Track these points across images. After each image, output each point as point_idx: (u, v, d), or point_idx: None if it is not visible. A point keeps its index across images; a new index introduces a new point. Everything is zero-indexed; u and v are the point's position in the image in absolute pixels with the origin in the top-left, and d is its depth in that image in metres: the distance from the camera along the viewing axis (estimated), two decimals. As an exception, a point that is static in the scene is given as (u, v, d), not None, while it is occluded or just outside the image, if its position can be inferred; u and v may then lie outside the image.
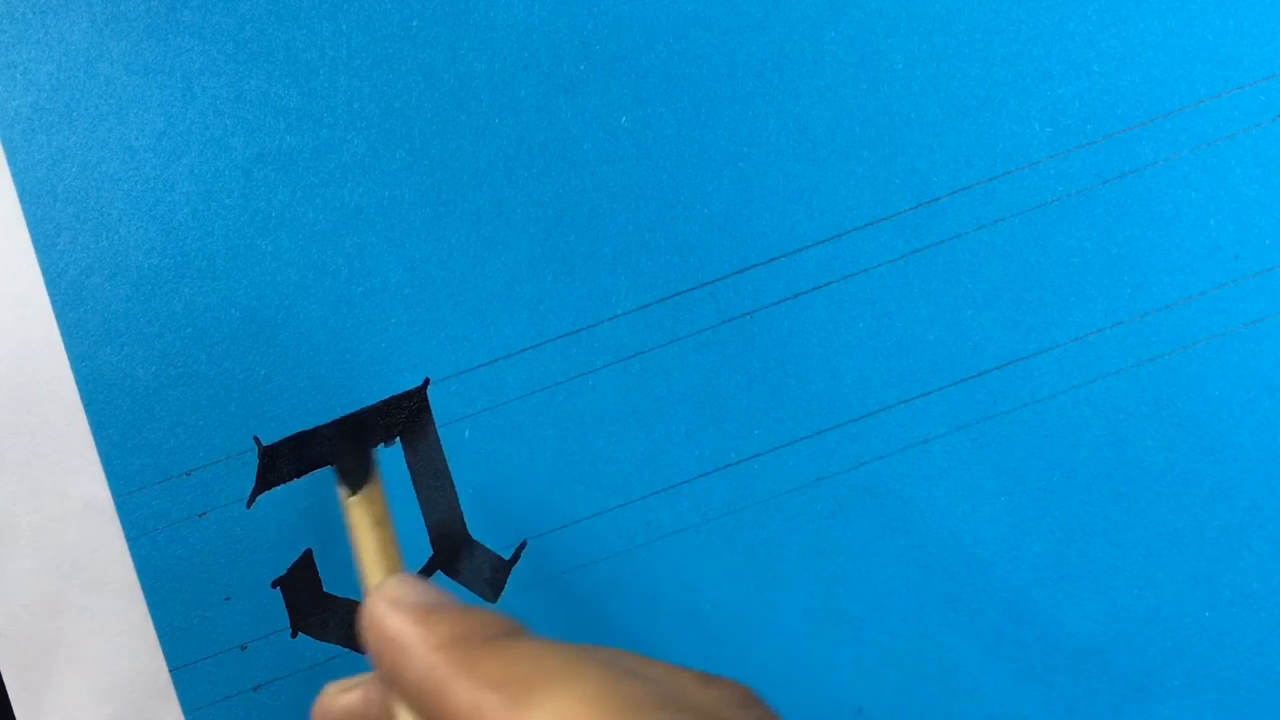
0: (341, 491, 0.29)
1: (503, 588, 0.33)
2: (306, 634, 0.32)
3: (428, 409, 0.32)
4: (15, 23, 0.32)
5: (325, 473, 0.32)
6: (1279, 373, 0.32)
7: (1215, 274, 0.32)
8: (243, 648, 0.32)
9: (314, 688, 0.32)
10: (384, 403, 0.32)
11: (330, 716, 0.26)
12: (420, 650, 0.23)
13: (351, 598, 0.32)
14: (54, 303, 0.32)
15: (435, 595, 0.25)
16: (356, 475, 0.29)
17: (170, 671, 0.32)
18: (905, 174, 0.32)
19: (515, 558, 0.33)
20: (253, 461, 0.32)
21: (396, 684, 0.24)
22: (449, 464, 0.33)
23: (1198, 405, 0.32)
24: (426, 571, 0.33)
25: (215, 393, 0.32)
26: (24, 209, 0.32)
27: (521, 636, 0.23)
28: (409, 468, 0.32)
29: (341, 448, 0.31)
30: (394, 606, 0.24)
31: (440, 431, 0.32)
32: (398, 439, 0.32)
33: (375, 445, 0.30)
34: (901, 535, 0.33)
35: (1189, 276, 0.32)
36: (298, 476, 0.32)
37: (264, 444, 0.32)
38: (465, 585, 0.33)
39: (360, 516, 0.28)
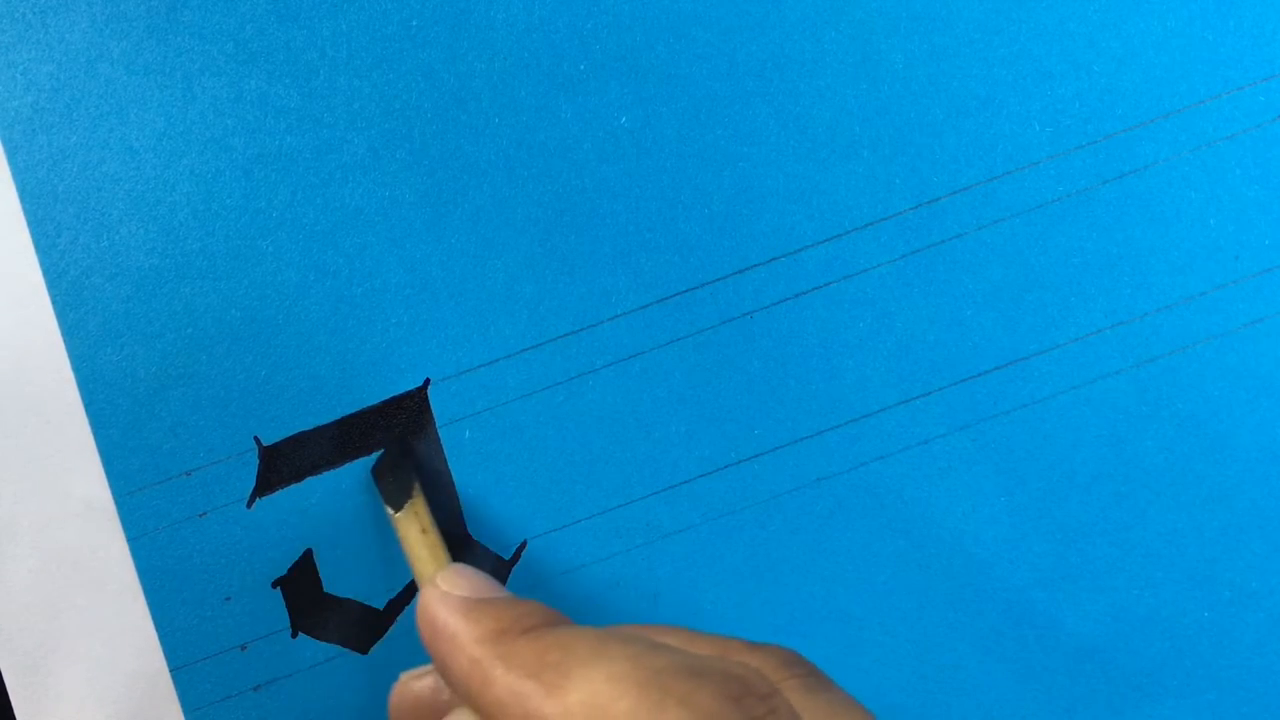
0: (387, 509, 0.31)
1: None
2: (306, 634, 0.32)
3: (428, 409, 0.32)
4: (15, 23, 0.32)
5: (326, 475, 0.32)
6: (1279, 373, 0.32)
7: (1215, 274, 0.32)
8: (243, 648, 0.32)
9: (314, 688, 0.32)
10: (384, 403, 0.32)
11: (404, 703, 0.28)
12: (465, 642, 0.25)
13: (352, 598, 0.33)
14: (54, 303, 0.32)
15: (483, 587, 0.27)
16: (400, 494, 0.31)
17: (170, 671, 0.32)
18: (905, 174, 0.32)
19: (515, 558, 0.33)
20: (253, 461, 0.32)
21: (445, 674, 0.25)
22: (449, 464, 0.33)
23: (1198, 405, 0.32)
24: (426, 571, 0.33)
25: (215, 393, 0.32)
26: (24, 209, 0.32)
27: (559, 626, 0.25)
28: (409, 468, 0.32)
29: (383, 469, 0.32)
30: (443, 600, 0.26)
31: (440, 431, 0.32)
32: (398, 439, 0.32)
33: (414, 464, 0.32)
34: (901, 535, 0.33)
35: (1189, 276, 0.32)
36: (298, 478, 0.32)
37: (264, 444, 0.32)
38: (465, 585, 0.33)
39: (408, 529, 0.30)
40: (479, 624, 0.25)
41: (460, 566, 0.28)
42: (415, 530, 0.30)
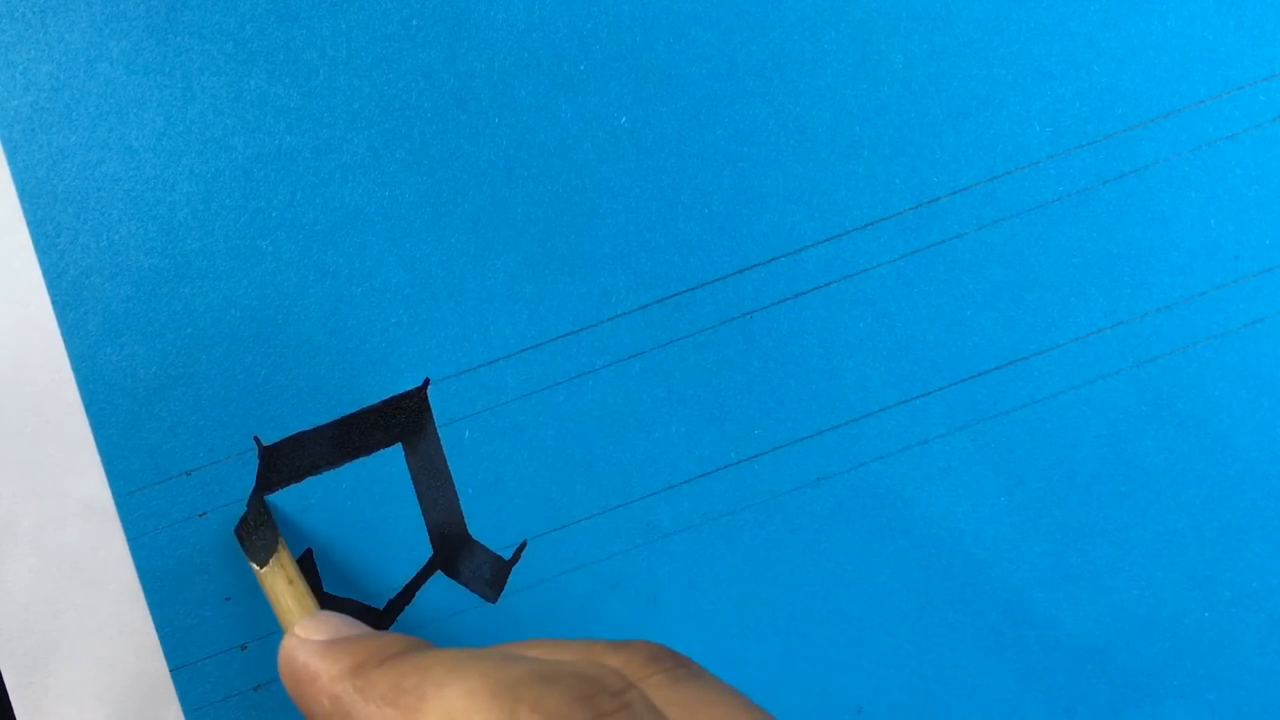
0: (252, 565, 0.31)
1: (503, 588, 0.33)
2: (306, 634, 0.32)
3: (428, 409, 0.32)
4: (15, 23, 0.32)
5: (326, 475, 0.32)
6: (1279, 373, 0.32)
7: (1215, 274, 0.32)
8: (243, 648, 0.32)
9: (314, 688, 0.32)
10: (384, 403, 0.32)
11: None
12: (324, 681, 0.25)
13: (352, 598, 0.33)
14: (54, 303, 0.32)
15: (343, 628, 0.27)
16: (264, 550, 0.31)
17: (170, 671, 0.32)
18: (905, 174, 0.32)
19: (515, 558, 0.33)
20: (253, 461, 0.32)
21: (312, 718, 0.25)
22: (449, 464, 0.33)
23: (1198, 405, 0.32)
24: (426, 572, 0.33)
25: (215, 393, 0.32)
26: (24, 209, 0.32)
27: (417, 652, 0.25)
28: (409, 468, 0.32)
29: (245, 529, 0.32)
30: (302, 644, 0.26)
31: (440, 431, 0.32)
32: (398, 439, 0.32)
33: (270, 520, 0.32)
34: (901, 535, 0.33)
35: (1189, 276, 0.32)
36: (298, 478, 0.32)
37: (264, 444, 0.32)
38: (465, 585, 0.33)
39: (274, 583, 0.30)
40: (337, 662, 0.25)
41: (321, 612, 0.28)
42: (282, 582, 0.30)
